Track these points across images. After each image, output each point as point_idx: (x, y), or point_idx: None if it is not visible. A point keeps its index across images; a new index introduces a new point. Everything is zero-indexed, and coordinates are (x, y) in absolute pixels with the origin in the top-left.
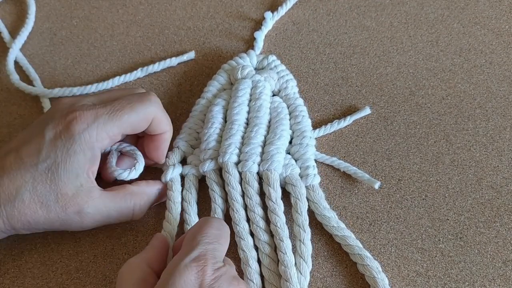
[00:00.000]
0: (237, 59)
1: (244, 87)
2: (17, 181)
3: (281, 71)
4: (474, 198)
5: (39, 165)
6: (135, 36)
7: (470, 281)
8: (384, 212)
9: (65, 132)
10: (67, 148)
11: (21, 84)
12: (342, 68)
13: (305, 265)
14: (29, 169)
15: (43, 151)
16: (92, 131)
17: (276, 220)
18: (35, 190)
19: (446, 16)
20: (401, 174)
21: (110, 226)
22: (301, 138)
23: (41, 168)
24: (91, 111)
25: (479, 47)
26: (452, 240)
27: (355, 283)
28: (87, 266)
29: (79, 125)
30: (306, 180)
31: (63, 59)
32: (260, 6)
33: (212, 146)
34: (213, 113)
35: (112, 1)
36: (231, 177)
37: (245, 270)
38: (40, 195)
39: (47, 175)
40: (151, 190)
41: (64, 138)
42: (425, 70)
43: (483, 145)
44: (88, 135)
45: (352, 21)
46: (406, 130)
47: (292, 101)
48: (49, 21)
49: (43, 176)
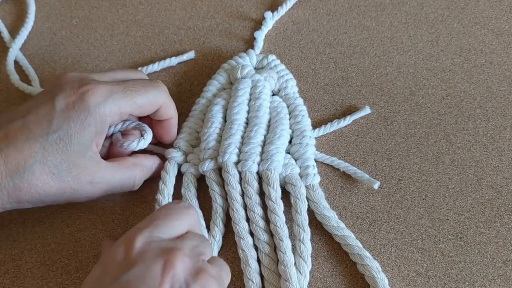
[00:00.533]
0: (237, 58)
1: (243, 87)
2: (24, 151)
3: (280, 71)
4: (474, 198)
5: (50, 135)
6: (135, 36)
7: (470, 281)
8: (384, 212)
9: (80, 103)
10: (81, 120)
11: (21, 84)
12: (342, 68)
13: (305, 265)
14: (38, 139)
15: (54, 121)
16: (107, 105)
17: (276, 219)
18: (46, 160)
19: (446, 16)
20: (401, 174)
21: (110, 226)
22: (300, 138)
23: (52, 139)
24: (106, 86)
25: (479, 47)
26: (452, 240)
27: (355, 283)
28: (87, 266)
29: (95, 98)
30: (306, 179)
31: (63, 59)
32: (260, 6)
33: (212, 145)
34: (212, 112)
35: (112, 1)
36: (231, 176)
37: (245, 270)
38: (52, 165)
39: (58, 145)
40: (149, 163)
41: (78, 109)
42: (425, 70)
43: (483, 145)
44: (103, 108)
45: (352, 21)
46: (406, 130)
47: (291, 100)
48: (49, 21)
49: (53, 146)
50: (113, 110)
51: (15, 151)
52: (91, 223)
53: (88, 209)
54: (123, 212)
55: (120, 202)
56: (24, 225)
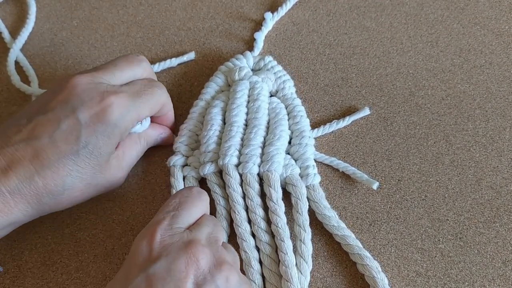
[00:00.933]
0: (234, 60)
1: (241, 89)
2: (60, 171)
3: (278, 72)
4: (473, 199)
5: (80, 151)
6: (135, 36)
7: (470, 281)
8: (384, 212)
9: (104, 116)
10: (108, 133)
11: (22, 85)
12: (342, 69)
13: (306, 265)
14: (70, 157)
15: (82, 137)
16: (129, 115)
17: (277, 220)
18: (81, 174)
19: (445, 16)
20: (401, 175)
21: (110, 226)
22: (300, 138)
23: (83, 154)
24: (126, 95)
25: (479, 48)
26: (451, 240)
27: (355, 283)
28: (87, 266)
29: (119, 110)
30: (307, 179)
31: (64, 60)
32: (260, 7)
33: (212, 148)
34: (211, 115)
35: (113, 2)
36: (232, 179)
37: (247, 271)
38: (87, 178)
39: (89, 159)
40: (154, 133)
41: (104, 123)
42: (425, 70)
43: (482, 146)
44: (126, 119)
45: (352, 21)
46: (406, 130)
47: (290, 101)
48: (49, 22)
49: (85, 161)
50: (134, 118)
51: (51, 172)
52: (91, 223)
53: (88, 209)
54: (123, 212)
55: (120, 202)
56: (24, 225)
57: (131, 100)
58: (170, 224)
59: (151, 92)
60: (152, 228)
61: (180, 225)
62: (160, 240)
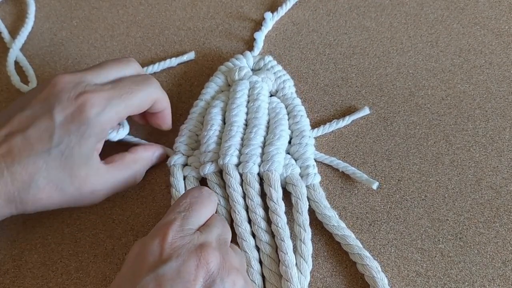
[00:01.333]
0: (234, 60)
1: (241, 89)
2: (29, 168)
3: (278, 72)
4: (473, 199)
5: (52, 150)
6: (135, 36)
7: (470, 281)
8: (384, 212)
9: (78, 115)
10: (82, 132)
11: (21, 85)
12: (342, 69)
13: (306, 264)
14: (41, 155)
15: (55, 135)
16: (106, 114)
17: (278, 220)
18: (50, 175)
19: (445, 16)
20: (400, 175)
21: (110, 226)
22: (300, 138)
23: (54, 153)
24: (103, 93)
25: (479, 48)
26: (451, 240)
27: (355, 283)
28: (87, 266)
29: (94, 109)
30: (307, 179)
31: (63, 60)
32: (260, 7)
33: (212, 148)
34: (211, 115)
35: (112, 2)
36: (232, 179)
37: (248, 271)
38: (55, 179)
39: (60, 159)
40: (148, 155)
41: (78, 122)
42: (425, 70)
43: (482, 146)
44: (102, 118)
45: (352, 21)
46: (406, 130)
47: (290, 101)
48: (49, 22)
49: (56, 161)
50: (112, 117)
51: (21, 168)
52: (91, 223)
53: (88, 209)
54: (123, 212)
55: (120, 202)
56: (24, 225)
57: (109, 98)
58: (181, 225)
59: (137, 89)
60: (164, 229)
61: (191, 226)
62: (171, 241)
